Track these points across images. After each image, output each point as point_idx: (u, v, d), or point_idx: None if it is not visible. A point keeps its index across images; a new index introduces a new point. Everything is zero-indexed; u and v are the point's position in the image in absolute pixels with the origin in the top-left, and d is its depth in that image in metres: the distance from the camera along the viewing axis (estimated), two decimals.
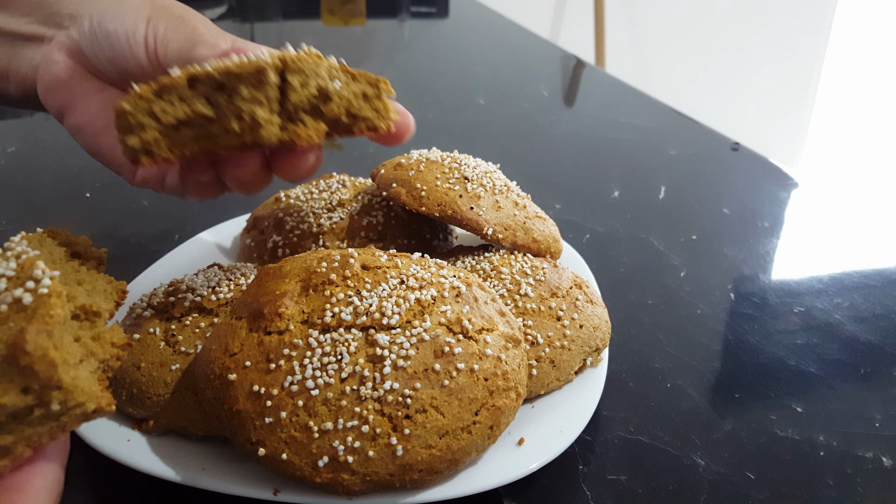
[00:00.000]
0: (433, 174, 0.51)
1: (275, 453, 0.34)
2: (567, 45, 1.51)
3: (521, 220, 0.51)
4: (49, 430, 0.27)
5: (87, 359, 0.30)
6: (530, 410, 0.42)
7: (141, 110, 0.35)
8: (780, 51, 2.53)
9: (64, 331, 0.29)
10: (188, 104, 0.35)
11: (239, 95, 0.35)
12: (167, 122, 0.35)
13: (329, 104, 0.38)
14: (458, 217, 0.48)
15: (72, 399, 0.27)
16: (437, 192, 0.49)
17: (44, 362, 0.26)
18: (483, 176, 0.52)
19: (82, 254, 0.36)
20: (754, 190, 0.82)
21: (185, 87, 0.35)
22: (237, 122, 0.35)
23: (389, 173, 0.52)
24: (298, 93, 0.36)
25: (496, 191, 0.51)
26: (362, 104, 0.39)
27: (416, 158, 0.52)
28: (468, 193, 0.50)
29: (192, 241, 0.59)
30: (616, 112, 1.08)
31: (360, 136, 0.40)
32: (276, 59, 0.35)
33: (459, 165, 0.52)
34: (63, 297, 0.28)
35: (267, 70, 0.35)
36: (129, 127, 0.35)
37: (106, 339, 0.32)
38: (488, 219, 0.49)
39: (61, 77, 0.44)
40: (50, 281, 0.28)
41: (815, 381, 0.50)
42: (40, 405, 0.27)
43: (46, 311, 0.27)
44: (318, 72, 0.37)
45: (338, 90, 0.38)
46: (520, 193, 0.54)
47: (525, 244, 0.50)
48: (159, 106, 0.35)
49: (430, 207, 0.49)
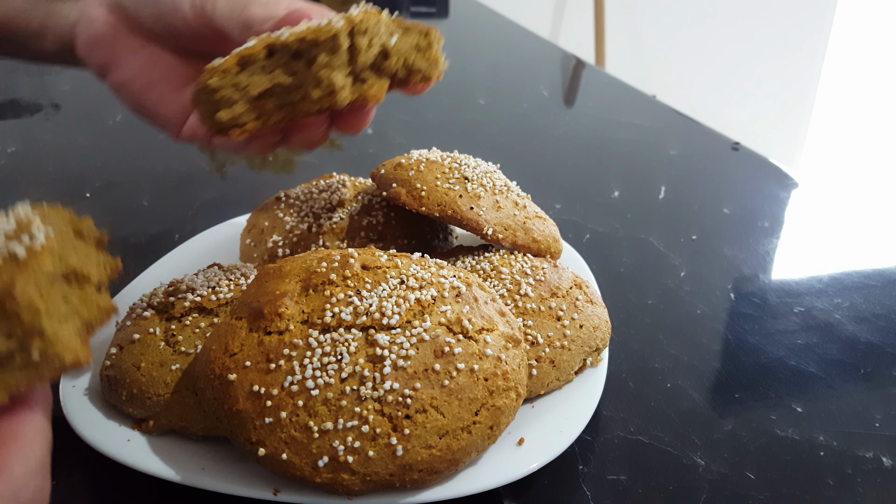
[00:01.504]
0: (433, 174, 0.50)
1: (275, 453, 0.34)
2: (567, 45, 1.51)
3: (521, 220, 0.51)
4: (27, 376, 0.28)
5: (72, 317, 0.31)
6: (530, 410, 0.42)
7: (228, 85, 0.36)
8: (780, 51, 2.53)
9: (52, 287, 0.30)
10: (271, 75, 0.36)
11: (316, 63, 0.36)
12: (252, 94, 0.36)
13: (389, 60, 0.39)
14: (459, 217, 0.48)
15: (51, 348, 0.28)
16: (437, 192, 0.49)
17: (29, 309, 0.27)
18: (483, 176, 0.52)
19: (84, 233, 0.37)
20: (754, 190, 0.82)
21: (263, 56, 0.36)
22: (316, 88, 0.36)
23: (389, 173, 0.52)
24: (365, 53, 0.37)
25: (496, 191, 0.51)
26: (417, 56, 0.40)
27: (416, 158, 0.52)
28: (468, 193, 0.49)
29: (192, 241, 0.59)
30: (616, 112, 1.08)
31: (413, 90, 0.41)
32: (345, 24, 0.36)
33: (459, 165, 0.52)
34: (55, 253, 0.30)
35: (340, 35, 0.35)
36: (218, 102, 0.36)
37: (92, 301, 0.33)
38: (488, 219, 0.49)
39: (103, 33, 0.44)
40: (44, 238, 0.30)
41: (815, 381, 0.50)
42: (21, 351, 0.28)
43: (37, 264, 0.29)
44: (379, 29, 0.38)
45: (396, 46, 0.39)
46: (520, 193, 0.54)
47: (525, 244, 0.50)
48: (243, 78, 0.36)
49: (430, 207, 0.49)
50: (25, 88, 1.11)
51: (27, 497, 0.26)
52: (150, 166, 0.84)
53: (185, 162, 0.86)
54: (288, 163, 0.88)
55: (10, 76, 1.14)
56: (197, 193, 0.78)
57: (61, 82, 1.13)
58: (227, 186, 0.81)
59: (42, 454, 0.28)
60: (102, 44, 0.44)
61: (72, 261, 0.33)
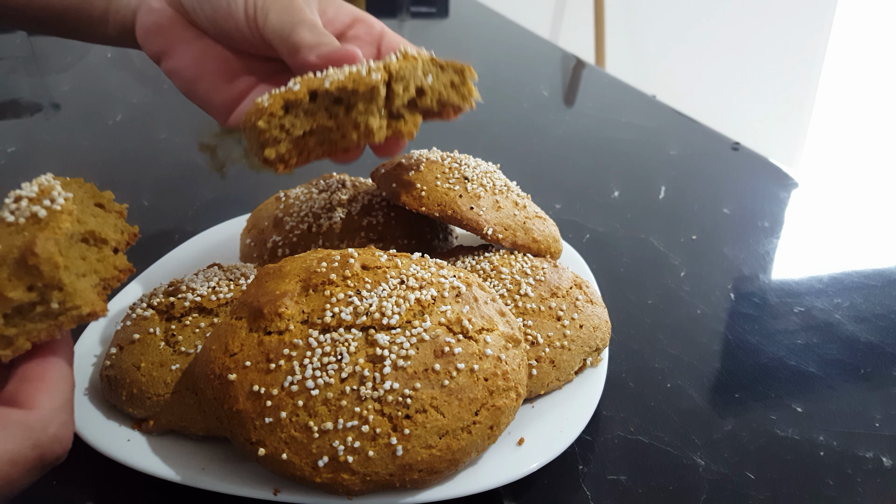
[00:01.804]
0: (433, 174, 0.50)
1: (275, 453, 0.34)
2: (567, 45, 1.51)
3: (521, 220, 0.51)
4: (48, 326, 0.31)
5: (90, 274, 0.34)
6: (530, 410, 0.42)
7: (274, 126, 0.39)
8: (780, 51, 2.53)
9: (71, 245, 0.33)
10: (313, 117, 0.40)
11: (355, 108, 0.40)
12: (296, 134, 0.40)
13: (424, 97, 0.42)
14: (458, 217, 0.48)
15: (70, 300, 0.31)
16: (437, 192, 0.49)
17: (49, 264, 0.30)
18: (483, 176, 0.52)
19: (105, 204, 0.39)
20: (754, 190, 0.82)
21: (307, 100, 0.39)
22: (354, 130, 0.40)
23: (389, 173, 0.52)
24: (401, 97, 0.41)
25: (496, 191, 0.51)
26: (450, 92, 0.43)
27: (416, 158, 0.52)
28: (468, 193, 0.49)
29: (192, 241, 0.59)
30: (616, 112, 1.08)
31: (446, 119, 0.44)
32: (383, 73, 0.39)
33: (459, 165, 0.52)
34: (73, 214, 0.33)
35: (378, 86, 0.39)
36: (265, 142, 0.39)
37: (109, 261, 0.36)
38: (488, 219, 0.49)
39: (160, 24, 0.46)
40: (63, 201, 0.33)
41: (815, 381, 0.50)
42: (42, 303, 0.31)
43: (57, 223, 0.32)
44: (416, 73, 0.41)
45: (431, 84, 0.42)
46: (520, 193, 0.54)
47: (525, 244, 0.50)
48: (288, 120, 0.39)
49: (430, 207, 0.49)
50: (25, 88, 1.11)
51: (54, 431, 0.29)
52: (150, 166, 0.84)
53: (185, 162, 0.86)
54: None
55: (10, 76, 1.14)
56: (197, 193, 0.78)
57: (61, 82, 1.13)
58: (227, 186, 0.81)
59: (67, 393, 0.31)
60: (159, 33, 0.46)
61: (90, 224, 0.35)
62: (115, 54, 1.25)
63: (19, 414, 0.29)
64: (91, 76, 1.17)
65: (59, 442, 0.29)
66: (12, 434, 0.28)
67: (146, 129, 0.95)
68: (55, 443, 0.29)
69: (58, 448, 0.29)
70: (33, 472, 0.29)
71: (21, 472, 0.28)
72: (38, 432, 0.28)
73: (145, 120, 0.98)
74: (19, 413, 0.29)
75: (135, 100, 1.06)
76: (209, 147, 0.92)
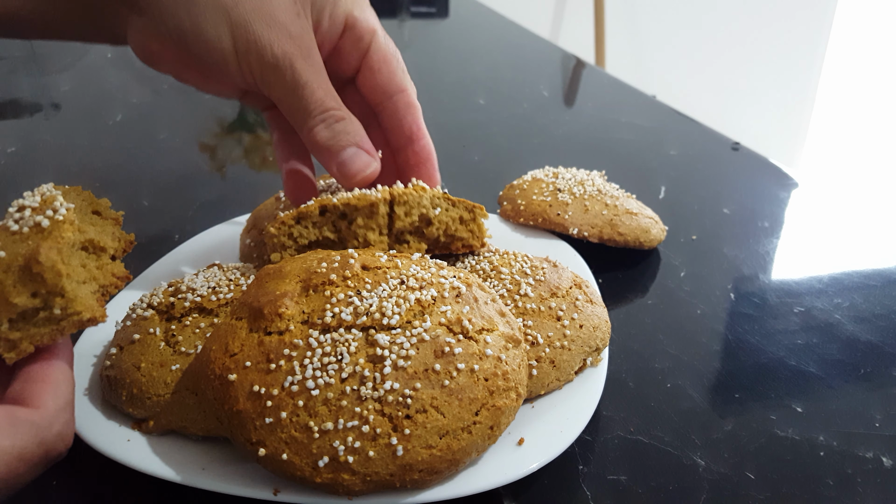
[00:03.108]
0: (532, 190, 0.63)
1: (275, 453, 0.34)
2: (567, 45, 1.51)
3: (608, 219, 0.61)
4: (50, 331, 0.32)
5: (90, 281, 0.35)
6: (530, 410, 0.42)
7: (283, 234, 0.45)
8: (780, 51, 2.54)
9: (72, 254, 0.35)
10: (319, 229, 0.45)
11: (355, 223, 0.44)
12: (302, 243, 0.45)
13: (430, 227, 0.46)
14: (549, 221, 0.60)
15: (71, 307, 0.32)
16: (533, 204, 0.62)
17: (52, 272, 0.32)
18: (575, 185, 0.63)
19: (101, 211, 0.41)
20: (754, 190, 0.82)
21: (317, 214, 0.45)
22: (355, 241, 0.45)
23: (504, 194, 0.66)
24: (403, 221, 0.45)
25: (585, 196, 0.62)
26: (459, 227, 0.47)
27: (523, 178, 0.66)
28: (558, 202, 0.61)
29: (192, 241, 0.59)
30: (616, 112, 1.08)
31: (457, 252, 0.49)
32: (385, 194, 0.44)
33: (556, 180, 0.64)
34: (75, 224, 0.35)
35: (378, 204, 0.44)
36: (274, 246, 0.45)
37: (108, 269, 0.37)
38: (574, 221, 0.60)
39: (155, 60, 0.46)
40: (65, 211, 0.34)
41: (815, 381, 0.50)
42: (45, 308, 0.32)
43: (59, 233, 0.33)
44: (422, 202, 0.45)
45: (437, 216, 0.46)
46: (613, 195, 0.63)
47: (611, 237, 0.60)
48: (297, 230, 0.45)
49: (527, 218, 0.61)
50: (25, 88, 1.11)
51: (58, 429, 0.30)
52: (150, 166, 0.84)
53: (185, 162, 0.86)
54: None
55: (10, 76, 1.14)
56: (197, 193, 0.78)
57: (61, 82, 1.13)
58: (227, 186, 0.81)
59: (69, 394, 0.32)
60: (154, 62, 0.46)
61: (89, 233, 0.37)
62: (115, 54, 1.25)
63: (26, 412, 0.30)
64: (91, 76, 1.17)
65: (63, 439, 0.31)
66: (21, 431, 0.29)
67: (146, 129, 0.95)
68: (59, 440, 0.31)
69: (61, 445, 0.31)
70: (38, 468, 0.30)
71: (27, 468, 0.29)
72: (44, 430, 0.30)
73: (145, 120, 0.98)
74: (26, 411, 0.30)
75: (135, 100, 1.06)
76: (209, 147, 0.92)
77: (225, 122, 0.99)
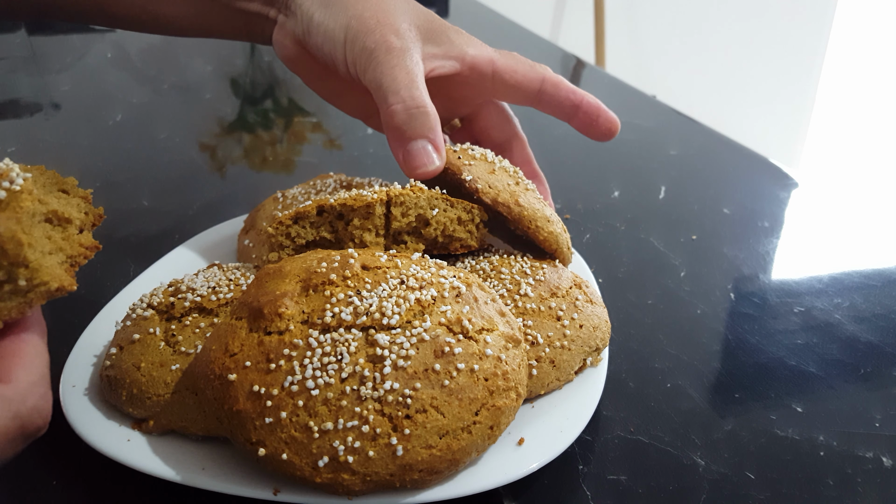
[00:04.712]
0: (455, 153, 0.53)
1: (275, 453, 0.34)
2: (567, 45, 1.51)
3: (511, 189, 0.50)
4: (18, 304, 0.31)
5: (56, 252, 0.34)
6: (530, 410, 0.42)
7: (281, 233, 0.45)
8: (780, 51, 2.54)
9: (34, 224, 0.33)
10: (316, 230, 0.46)
11: (352, 224, 0.45)
12: (300, 243, 0.46)
13: (427, 228, 0.46)
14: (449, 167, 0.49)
15: (37, 277, 0.31)
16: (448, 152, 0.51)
17: (12, 242, 0.31)
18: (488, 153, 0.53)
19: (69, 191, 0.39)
20: (754, 190, 0.82)
21: (314, 214, 0.45)
22: (350, 242, 0.45)
23: None
24: (399, 221, 0.45)
25: (497, 163, 0.52)
26: (457, 227, 0.47)
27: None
28: (466, 154, 0.51)
29: (192, 241, 0.59)
30: (616, 112, 1.07)
31: (455, 253, 0.48)
32: (382, 195, 0.45)
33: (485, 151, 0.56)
34: (33, 194, 0.33)
35: (374, 205, 0.44)
36: (272, 246, 0.46)
37: (75, 240, 0.36)
38: (474, 172, 0.49)
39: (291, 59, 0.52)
40: (22, 181, 0.33)
41: (815, 381, 0.50)
42: (9, 281, 0.31)
43: (17, 203, 0.32)
44: (419, 203, 0.45)
45: (435, 216, 0.46)
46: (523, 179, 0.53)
47: (506, 204, 0.48)
48: (294, 230, 0.45)
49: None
50: (25, 88, 1.11)
51: (32, 403, 0.30)
52: (150, 166, 0.84)
53: (185, 162, 0.86)
54: (288, 163, 0.88)
55: (10, 76, 1.14)
56: (197, 193, 0.78)
57: (61, 82, 1.13)
58: (227, 186, 0.81)
59: (42, 368, 0.31)
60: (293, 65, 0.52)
61: (52, 205, 0.35)
62: (115, 54, 1.25)
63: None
64: (91, 76, 1.17)
65: (39, 413, 0.30)
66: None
67: (146, 129, 0.95)
68: (35, 414, 0.30)
69: (38, 419, 0.30)
70: (16, 443, 0.29)
71: (3, 443, 0.28)
72: (18, 404, 0.29)
73: (145, 120, 0.98)
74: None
75: (135, 100, 1.06)
76: (209, 147, 0.92)
77: (225, 122, 0.99)
